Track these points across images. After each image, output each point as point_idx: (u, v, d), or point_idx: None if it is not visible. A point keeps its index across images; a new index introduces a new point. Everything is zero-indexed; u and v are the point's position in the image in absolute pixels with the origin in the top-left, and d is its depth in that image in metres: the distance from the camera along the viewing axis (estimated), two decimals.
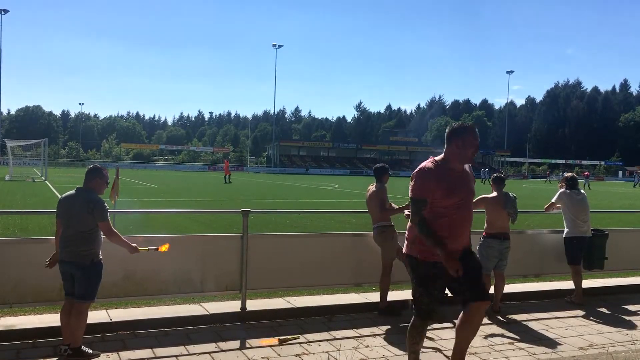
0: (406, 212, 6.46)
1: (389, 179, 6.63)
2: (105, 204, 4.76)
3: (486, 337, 5.67)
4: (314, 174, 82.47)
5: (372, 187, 6.52)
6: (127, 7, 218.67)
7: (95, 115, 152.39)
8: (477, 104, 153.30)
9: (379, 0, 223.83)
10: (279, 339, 5.22)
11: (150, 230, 10.25)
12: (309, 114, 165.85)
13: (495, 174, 6.95)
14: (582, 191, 7.46)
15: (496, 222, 6.61)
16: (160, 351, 4.94)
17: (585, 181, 50.74)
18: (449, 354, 5.11)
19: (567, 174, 7.72)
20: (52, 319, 5.24)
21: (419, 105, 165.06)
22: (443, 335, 5.65)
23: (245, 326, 5.75)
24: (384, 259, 6.36)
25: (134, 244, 4.98)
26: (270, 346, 5.14)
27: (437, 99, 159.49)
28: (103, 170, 4.92)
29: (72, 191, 4.82)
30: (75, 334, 4.67)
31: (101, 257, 4.81)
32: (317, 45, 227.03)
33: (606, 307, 7.09)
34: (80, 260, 4.64)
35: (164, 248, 5.23)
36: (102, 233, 4.82)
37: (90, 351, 4.75)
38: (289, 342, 5.24)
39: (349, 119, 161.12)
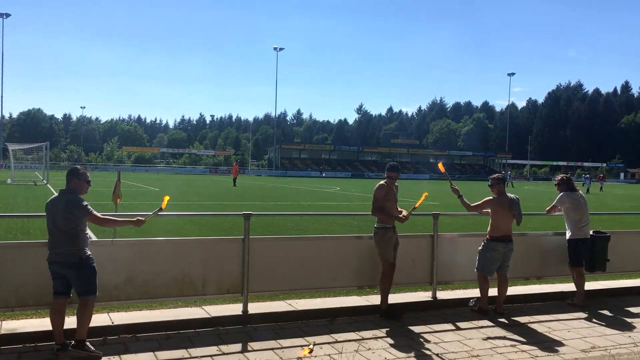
0: (404, 213, 6.43)
1: (393, 177, 6.42)
2: (84, 201, 4.86)
3: (488, 339, 5.67)
4: (315, 176, 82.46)
5: None
6: (129, 10, 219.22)
7: (96, 118, 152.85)
8: (478, 106, 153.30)
9: (379, 3, 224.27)
10: (309, 348, 5.17)
11: (151, 234, 10.24)
12: (310, 117, 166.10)
13: (495, 175, 6.90)
14: (582, 193, 7.44)
15: (501, 225, 6.60)
16: (162, 354, 4.93)
17: (600, 183, 50.70)
18: (452, 357, 5.11)
19: (563, 176, 7.56)
20: None
21: (420, 107, 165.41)
22: (445, 338, 5.65)
23: (247, 329, 5.75)
24: (380, 261, 6.35)
25: (135, 218, 5.13)
26: (274, 349, 5.14)
27: (438, 101, 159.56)
28: (79, 170, 5.04)
29: (56, 194, 4.97)
30: (81, 328, 4.80)
31: (89, 253, 4.90)
32: (318, 48, 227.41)
33: (608, 309, 7.07)
34: (68, 260, 4.77)
35: (165, 202, 5.36)
36: (86, 230, 4.93)
37: (93, 350, 4.84)
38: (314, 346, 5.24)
39: (350, 121, 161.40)
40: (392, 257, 6.32)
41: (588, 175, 49.49)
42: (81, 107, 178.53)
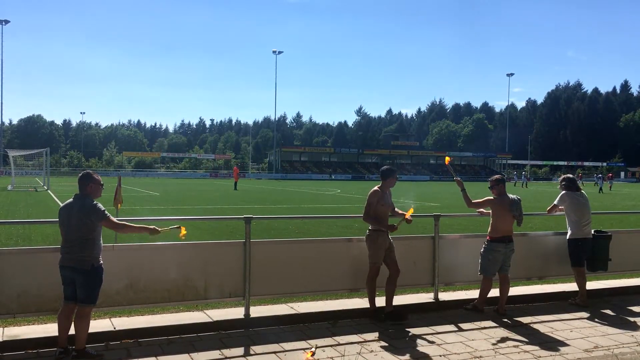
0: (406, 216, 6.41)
1: (391, 182, 6.44)
2: (100, 205, 4.86)
3: (491, 340, 5.66)
4: (317, 179, 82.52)
5: None
6: (128, 15, 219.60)
7: (96, 124, 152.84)
8: (478, 107, 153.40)
9: (378, 5, 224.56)
10: (312, 351, 5.17)
11: (152, 239, 10.24)
12: (310, 120, 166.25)
13: (495, 176, 6.89)
14: (584, 193, 7.44)
15: (501, 226, 6.60)
16: (165, 359, 4.93)
17: (610, 182, 50.71)
18: (454, 358, 5.10)
19: (566, 176, 7.61)
20: (55, 329, 5.22)
21: (419, 109, 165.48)
22: (447, 339, 5.64)
23: (249, 333, 5.74)
24: (369, 262, 6.34)
25: (152, 226, 5.13)
26: (276, 351, 5.14)
27: (437, 103, 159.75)
28: (94, 175, 5.04)
29: (71, 199, 4.94)
30: (79, 336, 4.81)
31: (101, 261, 4.90)
32: (317, 51, 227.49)
33: (611, 308, 7.07)
34: (80, 266, 4.77)
35: (183, 232, 5.35)
36: (101, 237, 4.92)
37: (95, 352, 4.87)
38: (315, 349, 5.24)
39: (350, 123, 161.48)
40: (381, 260, 6.31)
41: (600, 175, 50.07)
42: (81, 113, 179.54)
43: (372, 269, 6.32)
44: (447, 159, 7.77)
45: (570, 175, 7.61)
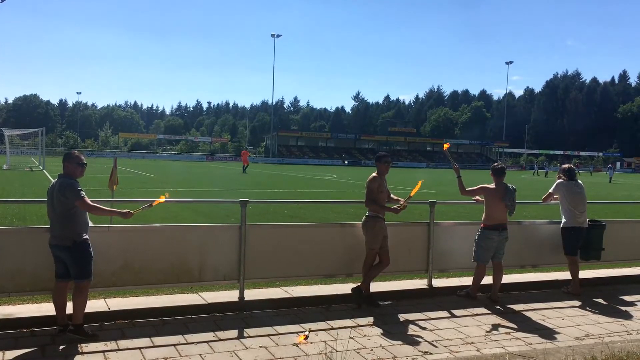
0: (400, 203, 6.43)
1: (386, 169, 6.49)
2: (76, 185, 4.90)
3: (483, 326, 5.71)
4: (313, 164, 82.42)
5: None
6: None
7: (93, 104, 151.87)
8: (476, 95, 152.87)
9: None
10: (305, 335, 5.19)
11: (147, 220, 10.24)
12: (308, 104, 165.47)
13: (495, 165, 6.89)
14: (580, 182, 7.46)
15: (494, 214, 6.62)
16: (159, 340, 4.95)
17: (611, 172, 50.84)
18: (446, 343, 5.15)
19: (564, 166, 7.68)
20: (50, 308, 5.24)
21: (417, 95, 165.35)
22: (440, 325, 5.68)
23: (243, 315, 5.77)
24: (366, 248, 6.37)
25: (124, 210, 5.17)
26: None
27: (435, 90, 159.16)
28: (72, 154, 5.08)
29: (55, 179, 5.05)
30: (76, 312, 4.89)
31: (85, 237, 4.94)
32: (316, 35, 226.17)
33: (602, 297, 7.12)
34: (62, 243, 4.85)
35: (161, 199, 5.38)
36: (85, 214, 4.97)
37: (90, 332, 4.93)
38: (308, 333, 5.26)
39: (347, 109, 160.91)
40: (378, 246, 6.33)
41: (610, 166, 50.54)
42: (77, 93, 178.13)
43: (369, 254, 6.35)
44: (446, 145, 7.77)
45: (568, 166, 7.63)
